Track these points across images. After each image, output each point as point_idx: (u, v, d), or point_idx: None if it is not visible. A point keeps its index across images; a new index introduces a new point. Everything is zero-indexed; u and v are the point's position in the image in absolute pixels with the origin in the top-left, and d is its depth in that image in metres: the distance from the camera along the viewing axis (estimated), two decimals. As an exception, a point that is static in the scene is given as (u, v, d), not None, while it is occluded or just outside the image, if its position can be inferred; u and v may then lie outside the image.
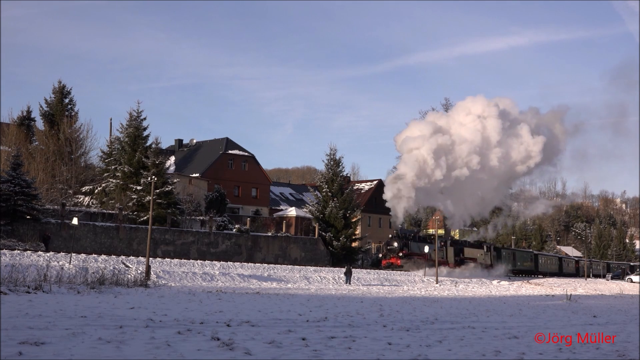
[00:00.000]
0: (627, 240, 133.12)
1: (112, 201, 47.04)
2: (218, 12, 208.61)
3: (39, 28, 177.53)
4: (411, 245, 56.81)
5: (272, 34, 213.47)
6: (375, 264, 58.03)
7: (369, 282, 41.62)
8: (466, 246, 66.16)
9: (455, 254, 62.62)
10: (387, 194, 57.12)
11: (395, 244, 55.46)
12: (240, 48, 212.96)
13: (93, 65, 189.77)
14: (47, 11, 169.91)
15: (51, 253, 32.17)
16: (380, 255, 57.00)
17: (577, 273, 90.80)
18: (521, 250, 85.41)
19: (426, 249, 56.20)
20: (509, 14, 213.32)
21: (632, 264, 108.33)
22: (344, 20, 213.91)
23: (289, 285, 34.64)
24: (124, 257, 35.30)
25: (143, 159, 48.71)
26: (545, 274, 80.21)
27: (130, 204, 46.27)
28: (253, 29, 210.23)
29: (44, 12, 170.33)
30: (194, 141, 75.23)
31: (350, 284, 38.99)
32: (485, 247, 69.44)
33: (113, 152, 51.98)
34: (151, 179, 36.57)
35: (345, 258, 55.03)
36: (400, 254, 54.59)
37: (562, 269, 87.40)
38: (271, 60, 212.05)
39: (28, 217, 38.80)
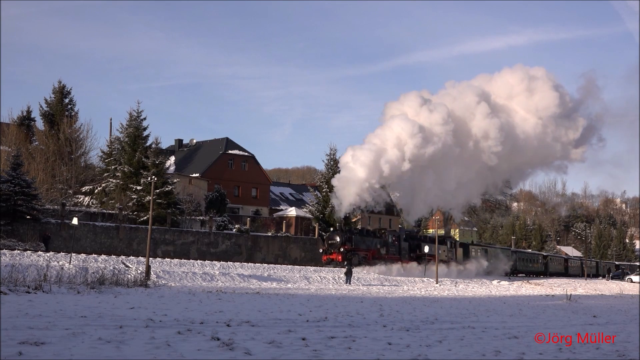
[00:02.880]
0: (627, 240, 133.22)
1: (112, 201, 47.05)
2: (216, 11, 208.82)
3: (37, 27, 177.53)
4: (355, 240, 50.39)
5: (271, 33, 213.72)
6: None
7: (369, 282, 41.61)
8: (425, 241, 59.18)
9: (411, 250, 56.72)
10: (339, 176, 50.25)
11: (337, 239, 48.83)
12: (238, 47, 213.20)
13: (91, 64, 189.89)
14: (44, 10, 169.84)
15: (51, 253, 32.15)
16: (321, 250, 50.39)
17: (566, 272, 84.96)
18: (495, 247, 77.61)
19: (426, 248, 55.39)
20: (508, 13, 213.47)
21: (619, 263, 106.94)
22: (343, 20, 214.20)
23: (289, 285, 34.62)
24: (124, 257, 35.28)
25: (143, 159, 48.72)
26: (526, 274, 74.32)
27: (130, 204, 46.28)
28: (251, 28, 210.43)
29: (41, 12, 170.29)
30: (194, 141, 75.32)
31: (350, 284, 38.99)
32: (448, 242, 63.02)
33: (113, 152, 52.02)
34: (151, 179, 36.56)
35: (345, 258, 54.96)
36: (342, 249, 48.43)
37: (548, 269, 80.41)
38: (270, 60, 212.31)
39: (28, 217, 38.80)
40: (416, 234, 65.03)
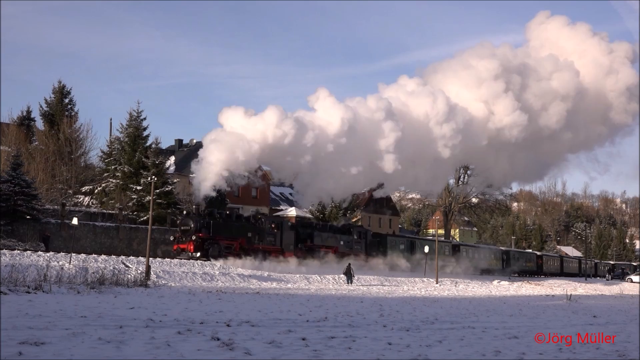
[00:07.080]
0: (627, 240, 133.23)
1: (112, 201, 47.08)
2: (213, 10, 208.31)
3: (35, 26, 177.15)
4: (216, 226, 40.08)
5: (268, 32, 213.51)
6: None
7: (369, 282, 41.64)
8: (322, 230, 48.80)
9: (300, 240, 46.17)
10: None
11: (191, 224, 38.96)
12: (236, 46, 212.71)
13: (89, 63, 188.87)
14: (41, 9, 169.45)
15: (51, 253, 32.10)
16: (172, 239, 40.34)
17: (539, 271, 74.68)
18: (427, 239, 66.19)
19: (426, 249, 54.51)
20: (507, 12, 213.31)
21: (598, 262, 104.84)
22: (341, 19, 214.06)
23: (289, 285, 34.63)
24: (124, 257, 35.22)
25: (143, 159, 48.74)
26: (481, 272, 62.03)
27: (130, 204, 46.31)
28: (249, 27, 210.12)
29: (38, 10, 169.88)
30: (194, 141, 75.23)
31: (350, 284, 39.00)
32: (355, 233, 51.38)
33: (113, 152, 52.04)
34: (151, 179, 36.56)
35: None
36: (194, 237, 38.51)
37: (510, 266, 68.73)
38: (267, 59, 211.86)
39: (28, 217, 38.81)
40: (309, 222, 52.34)
